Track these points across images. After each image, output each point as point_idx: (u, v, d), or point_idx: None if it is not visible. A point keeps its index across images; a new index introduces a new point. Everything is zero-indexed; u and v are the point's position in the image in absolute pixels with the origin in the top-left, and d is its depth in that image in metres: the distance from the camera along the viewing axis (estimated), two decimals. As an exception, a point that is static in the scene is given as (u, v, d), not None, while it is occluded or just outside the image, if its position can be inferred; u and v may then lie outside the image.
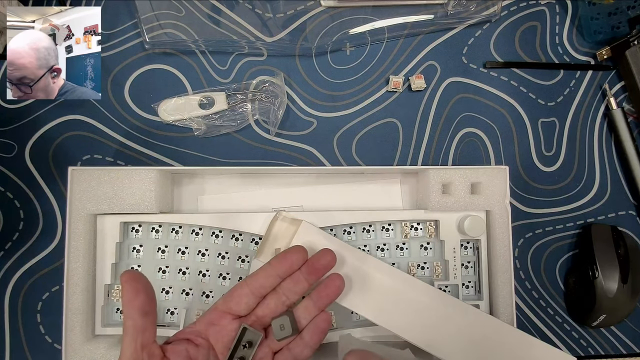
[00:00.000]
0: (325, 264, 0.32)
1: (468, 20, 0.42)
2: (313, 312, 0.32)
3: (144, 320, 0.26)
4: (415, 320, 0.34)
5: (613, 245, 0.40)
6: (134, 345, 0.26)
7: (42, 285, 0.39)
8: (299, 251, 0.32)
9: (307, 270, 0.32)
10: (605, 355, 0.42)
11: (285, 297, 0.32)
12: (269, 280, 0.31)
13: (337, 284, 0.32)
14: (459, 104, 0.42)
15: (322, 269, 0.32)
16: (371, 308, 0.34)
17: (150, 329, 0.27)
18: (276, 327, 0.31)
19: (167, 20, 0.39)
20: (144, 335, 0.26)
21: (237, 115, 0.41)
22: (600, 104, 0.43)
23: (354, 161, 0.42)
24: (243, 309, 0.31)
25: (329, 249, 0.32)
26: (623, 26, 0.41)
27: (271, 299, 0.32)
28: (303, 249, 0.32)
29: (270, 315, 0.31)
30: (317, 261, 0.32)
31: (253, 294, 0.31)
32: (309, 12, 0.41)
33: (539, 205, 0.42)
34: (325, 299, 0.32)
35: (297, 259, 0.31)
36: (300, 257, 0.32)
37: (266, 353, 0.31)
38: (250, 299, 0.31)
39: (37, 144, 0.40)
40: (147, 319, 0.26)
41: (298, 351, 0.31)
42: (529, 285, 0.42)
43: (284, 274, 0.31)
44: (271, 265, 0.32)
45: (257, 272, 0.32)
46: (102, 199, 0.35)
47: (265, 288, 0.31)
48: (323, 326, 0.32)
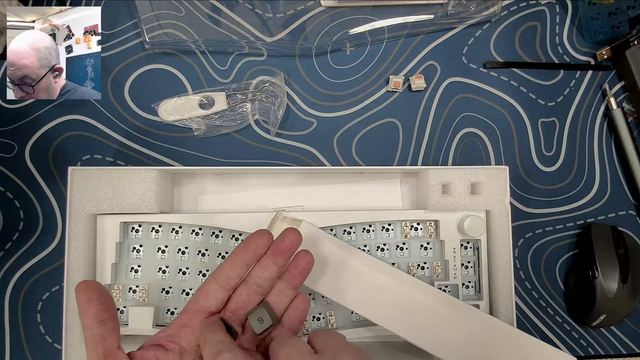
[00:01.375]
0: (290, 243, 0.30)
1: (468, 20, 0.42)
2: (288, 293, 0.31)
3: (102, 328, 0.26)
4: (415, 320, 0.34)
5: (613, 245, 0.40)
6: (95, 355, 0.26)
7: (42, 285, 0.39)
8: (262, 235, 0.30)
9: (273, 253, 0.30)
10: (605, 355, 0.42)
11: (256, 285, 0.30)
12: (236, 269, 0.30)
13: (307, 260, 0.31)
14: (459, 104, 0.42)
15: (287, 249, 0.30)
16: (371, 308, 0.34)
17: (111, 336, 0.26)
18: (254, 321, 0.29)
19: (167, 20, 0.39)
20: (104, 344, 0.26)
21: (237, 115, 0.41)
22: (600, 104, 0.43)
23: (354, 161, 0.42)
24: (213, 304, 0.30)
25: (292, 228, 0.31)
26: (623, 26, 0.41)
27: (242, 289, 0.30)
28: (267, 232, 0.30)
29: (244, 307, 0.30)
30: (282, 242, 0.30)
31: (222, 287, 0.30)
32: (309, 12, 0.41)
33: (539, 205, 0.42)
34: (298, 277, 0.31)
35: (261, 242, 0.30)
36: (264, 241, 0.30)
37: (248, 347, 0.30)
38: (219, 293, 0.30)
39: (37, 144, 0.40)
40: (106, 327, 0.26)
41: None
42: (529, 285, 0.42)
43: (250, 260, 0.30)
44: (235, 254, 0.30)
45: (223, 264, 0.30)
46: (102, 199, 0.35)
47: (233, 279, 0.30)
48: (302, 307, 0.31)
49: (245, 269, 0.30)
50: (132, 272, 0.38)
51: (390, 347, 0.38)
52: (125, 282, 0.37)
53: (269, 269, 0.30)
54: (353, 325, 0.38)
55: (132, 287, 0.37)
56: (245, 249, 0.30)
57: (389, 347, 0.38)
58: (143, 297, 0.37)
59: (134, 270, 0.38)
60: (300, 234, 0.31)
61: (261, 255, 0.30)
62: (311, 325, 0.38)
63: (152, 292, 0.37)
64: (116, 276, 0.37)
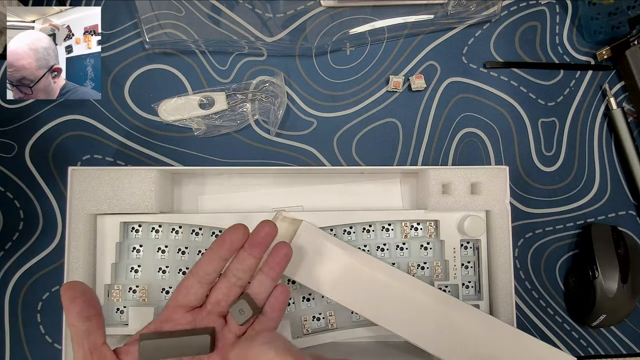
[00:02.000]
0: (265, 234, 0.31)
1: (468, 20, 0.42)
2: (268, 284, 0.32)
3: (87, 324, 0.26)
4: (415, 320, 0.34)
5: (613, 245, 0.40)
6: (81, 351, 0.27)
7: (42, 285, 0.39)
8: (237, 229, 0.31)
9: (249, 246, 0.31)
10: (605, 355, 0.42)
11: (235, 278, 0.31)
12: (213, 264, 0.30)
13: (285, 251, 0.32)
14: (459, 104, 0.42)
15: (263, 240, 0.31)
16: (371, 308, 0.34)
17: (96, 332, 0.27)
18: (235, 313, 0.30)
19: (167, 20, 0.39)
20: (89, 339, 0.27)
21: (237, 115, 0.41)
22: (600, 104, 0.43)
23: (354, 161, 0.42)
24: (192, 299, 0.30)
25: (266, 220, 0.31)
26: (623, 26, 0.41)
27: (222, 283, 0.31)
28: (241, 226, 0.31)
29: (225, 299, 0.31)
30: (257, 234, 0.31)
31: (200, 282, 0.30)
32: (309, 12, 0.41)
33: (539, 205, 0.42)
34: (276, 267, 0.32)
35: (236, 237, 0.30)
36: (238, 235, 0.30)
37: (229, 339, 0.31)
38: (198, 288, 0.30)
39: (37, 144, 0.40)
40: (90, 323, 0.27)
41: (263, 328, 0.31)
42: (529, 285, 0.42)
43: (226, 255, 0.30)
44: (211, 249, 0.31)
45: (200, 260, 0.31)
46: (102, 199, 0.35)
47: (211, 274, 0.30)
48: (282, 298, 0.32)
49: (222, 263, 0.31)
50: (132, 272, 0.38)
51: (390, 347, 0.38)
52: (125, 282, 0.37)
53: (247, 261, 0.31)
54: (353, 325, 0.38)
55: (132, 287, 0.37)
56: (220, 244, 0.30)
57: (389, 347, 0.38)
58: (143, 297, 0.37)
59: (134, 270, 0.38)
60: (275, 226, 0.31)
61: (237, 249, 0.31)
62: (311, 325, 0.38)
63: (152, 292, 0.37)
64: (116, 276, 0.37)
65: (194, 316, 0.31)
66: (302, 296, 0.38)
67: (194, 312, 0.31)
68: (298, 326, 0.38)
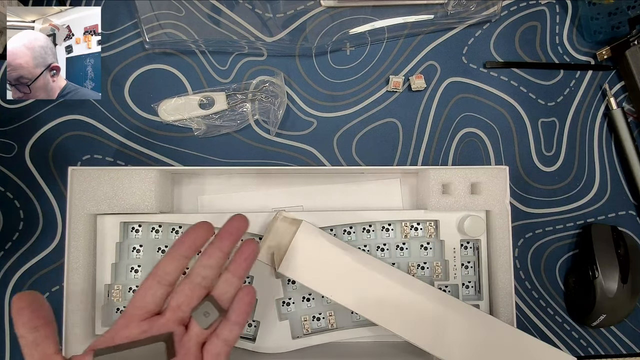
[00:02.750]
0: (237, 226, 0.30)
1: (468, 20, 0.42)
2: (234, 282, 0.29)
3: (35, 335, 0.26)
4: (415, 320, 0.34)
5: (613, 245, 0.40)
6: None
7: (42, 285, 0.39)
8: (200, 226, 0.29)
9: (218, 238, 0.29)
10: (605, 355, 0.42)
11: (200, 277, 0.29)
12: (173, 263, 0.28)
13: (252, 247, 0.30)
14: (459, 104, 0.42)
15: (235, 232, 0.29)
16: (371, 308, 0.34)
17: (44, 342, 0.26)
18: (199, 316, 0.28)
19: (167, 20, 0.39)
20: (37, 350, 0.26)
21: (237, 115, 0.41)
22: (600, 104, 0.43)
23: (354, 161, 0.42)
24: (150, 302, 0.28)
25: (240, 214, 0.30)
26: (623, 26, 0.41)
27: (184, 284, 0.29)
28: (205, 223, 0.30)
29: (187, 302, 0.28)
30: (228, 226, 0.30)
31: (159, 283, 0.28)
32: (309, 12, 0.41)
33: (539, 205, 0.42)
34: (243, 264, 0.30)
35: (200, 234, 0.29)
36: (202, 232, 0.29)
37: (190, 347, 0.28)
38: (156, 290, 0.28)
39: (37, 144, 0.40)
40: (38, 334, 0.26)
41: (227, 333, 0.29)
42: (529, 285, 0.42)
43: (188, 252, 0.29)
44: (172, 247, 0.29)
45: (160, 259, 0.29)
46: (102, 199, 0.35)
47: (171, 274, 0.28)
48: (247, 300, 0.30)
49: (183, 262, 0.29)
50: (132, 272, 0.38)
51: (390, 347, 0.38)
52: (125, 282, 0.37)
53: (214, 256, 0.29)
54: (353, 325, 0.38)
55: (132, 287, 0.37)
56: (181, 241, 0.29)
57: (389, 347, 0.38)
58: (143, 297, 0.37)
59: (134, 270, 0.38)
60: (247, 220, 0.30)
61: (199, 246, 0.29)
62: (311, 325, 0.38)
63: (152, 292, 0.37)
64: (116, 276, 0.37)
65: (150, 324, 0.28)
66: (302, 296, 0.38)
67: (151, 320, 0.28)
68: (298, 326, 0.38)
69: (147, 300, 0.28)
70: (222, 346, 0.29)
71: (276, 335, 0.37)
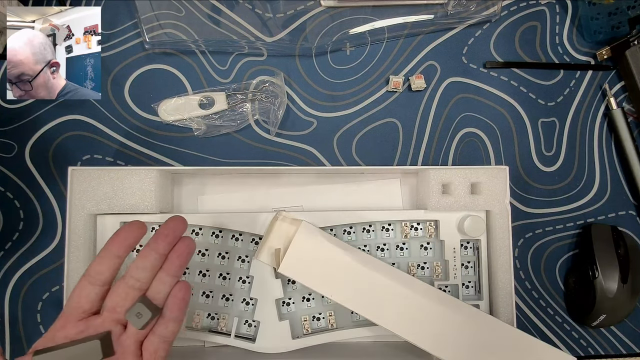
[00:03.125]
0: (173, 226, 0.29)
1: (468, 20, 0.42)
2: (168, 281, 0.29)
3: None
4: (415, 320, 0.34)
5: (613, 245, 0.40)
6: None
7: (42, 285, 0.39)
8: (131, 225, 0.29)
9: (154, 239, 0.29)
10: (605, 355, 0.42)
11: (134, 279, 0.28)
12: (105, 263, 0.28)
13: (186, 243, 0.29)
14: (459, 104, 0.42)
15: (170, 233, 0.29)
16: (371, 308, 0.34)
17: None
18: (132, 318, 0.28)
19: (167, 20, 0.39)
20: None
21: (237, 115, 0.41)
22: (600, 104, 0.43)
23: (354, 161, 0.42)
24: (84, 302, 0.28)
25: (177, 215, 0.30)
26: (623, 26, 0.41)
27: (118, 286, 0.29)
28: (137, 222, 0.29)
29: (121, 304, 0.28)
30: (164, 226, 0.29)
31: (92, 284, 0.28)
32: (309, 12, 0.41)
33: (539, 205, 0.42)
34: (176, 262, 0.29)
35: (131, 233, 0.29)
36: (133, 231, 0.29)
37: (128, 346, 0.28)
38: (90, 290, 0.28)
39: (37, 144, 0.40)
40: None
41: (163, 330, 0.29)
42: (529, 285, 0.42)
43: (119, 252, 0.28)
44: (104, 248, 0.29)
45: (94, 260, 0.29)
46: (102, 199, 0.35)
47: (103, 273, 0.28)
48: (180, 295, 0.29)
49: (116, 262, 0.29)
50: (132, 272, 0.38)
51: (390, 347, 0.38)
52: (125, 282, 0.37)
53: (149, 257, 0.29)
54: (353, 325, 0.38)
55: (132, 287, 0.37)
56: (112, 240, 0.29)
57: (389, 347, 0.38)
58: (143, 297, 0.37)
59: (134, 270, 0.38)
60: (185, 220, 0.30)
61: (131, 245, 0.29)
62: (311, 325, 0.38)
63: (152, 292, 0.37)
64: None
65: (87, 324, 0.28)
66: (302, 296, 0.38)
67: (88, 320, 0.28)
68: (298, 326, 0.38)
69: (81, 300, 0.28)
70: (159, 343, 0.29)
71: (276, 335, 0.37)
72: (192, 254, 0.30)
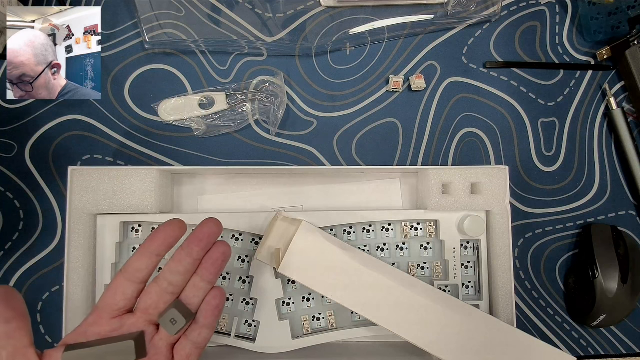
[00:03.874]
0: (208, 231, 0.29)
1: (468, 20, 0.42)
2: (203, 287, 0.29)
3: (6, 327, 0.25)
4: (415, 320, 0.34)
5: (613, 245, 0.40)
6: (4, 353, 0.25)
7: (42, 285, 0.39)
8: (172, 223, 0.28)
9: (188, 243, 0.28)
10: (605, 355, 0.42)
11: (167, 283, 0.28)
12: (143, 260, 0.28)
13: (222, 250, 0.29)
14: (459, 104, 0.42)
15: (205, 237, 0.28)
16: (371, 308, 0.34)
17: (18, 335, 0.25)
18: (166, 324, 0.27)
19: (167, 20, 0.39)
20: (9, 342, 0.25)
21: (237, 115, 0.41)
22: (600, 104, 0.43)
23: (354, 161, 0.42)
24: (120, 299, 0.28)
25: (212, 217, 0.29)
26: (623, 26, 0.41)
27: (152, 288, 0.28)
28: (177, 221, 0.29)
29: (154, 307, 0.28)
30: (199, 230, 0.29)
31: (129, 280, 0.28)
32: (309, 12, 0.41)
33: (539, 205, 0.42)
34: (211, 269, 0.29)
35: (171, 231, 0.28)
36: (173, 229, 0.28)
37: (160, 348, 0.28)
38: (127, 287, 0.28)
39: (37, 144, 0.40)
40: (10, 326, 0.25)
41: (196, 337, 0.29)
42: (529, 285, 0.42)
43: (159, 250, 0.28)
44: (143, 245, 0.28)
45: (131, 256, 0.28)
46: (102, 199, 0.35)
47: (142, 271, 0.28)
48: (214, 303, 0.29)
49: (154, 260, 0.28)
50: (132, 272, 0.38)
51: (390, 347, 0.38)
52: (125, 282, 0.37)
53: (183, 261, 0.28)
54: (353, 325, 0.38)
55: (132, 287, 0.37)
56: (152, 238, 0.28)
57: (389, 347, 0.38)
58: (143, 297, 0.37)
59: (134, 270, 0.38)
60: (220, 223, 0.29)
61: (170, 244, 0.28)
62: (311, 325, 0.38)
63: (152, 292, 0.37)
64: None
65: (122, 322, 0.28)
66: (302, 296, 0.38)
67: (122, 318, 0.28)
68: (298, 326, 0.38)
69: (117, 297, 0.28)
70: (192, 348, 0.29)
71: (276, 335, 0.37)
72: (227, 261, 0.30)
